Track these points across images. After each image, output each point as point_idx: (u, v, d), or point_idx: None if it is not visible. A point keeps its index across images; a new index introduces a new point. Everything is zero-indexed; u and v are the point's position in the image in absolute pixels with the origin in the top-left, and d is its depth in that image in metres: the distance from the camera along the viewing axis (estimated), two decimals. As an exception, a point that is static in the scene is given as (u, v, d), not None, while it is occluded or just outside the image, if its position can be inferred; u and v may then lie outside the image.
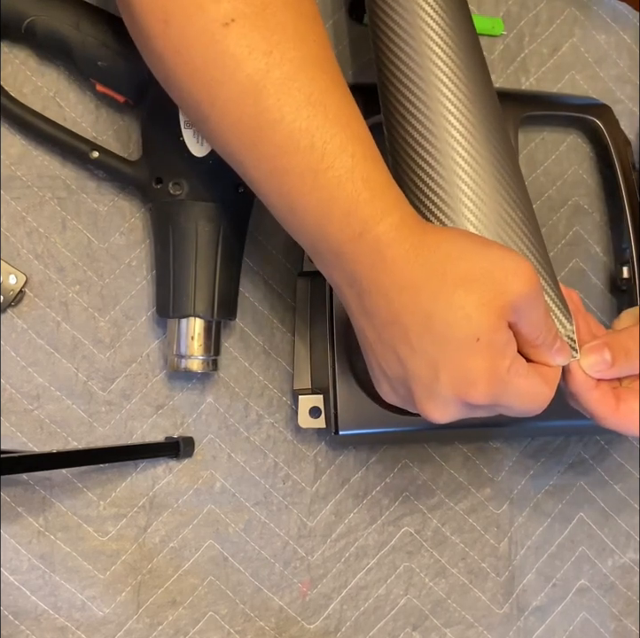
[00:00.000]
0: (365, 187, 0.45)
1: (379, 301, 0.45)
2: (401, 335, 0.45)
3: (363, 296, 0.46)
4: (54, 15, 0.56)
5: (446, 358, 0.44)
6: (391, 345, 0.46)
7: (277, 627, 0.63)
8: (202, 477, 0.63)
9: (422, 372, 0.45)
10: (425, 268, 0.44)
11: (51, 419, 0.61)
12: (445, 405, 0.46)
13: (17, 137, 0.61)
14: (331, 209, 0.45)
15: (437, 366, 0.44)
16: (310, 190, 0.45)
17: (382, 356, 0.47)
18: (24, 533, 0.60)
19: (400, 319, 0.45)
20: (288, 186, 0.46)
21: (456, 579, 0.66)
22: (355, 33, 0.66)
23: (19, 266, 0.60)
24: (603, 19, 0.71)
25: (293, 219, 0.47)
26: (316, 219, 0.46)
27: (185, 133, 0.56)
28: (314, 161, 0.45)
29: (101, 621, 0.61)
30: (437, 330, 0.44)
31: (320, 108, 0.45)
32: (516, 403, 0.46)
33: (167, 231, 0.58)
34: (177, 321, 0.58)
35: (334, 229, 0.45)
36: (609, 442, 0.69)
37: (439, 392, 0.45)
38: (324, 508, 0.64)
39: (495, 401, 0.46)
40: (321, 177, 0.45)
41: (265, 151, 0.46)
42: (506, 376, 0.45)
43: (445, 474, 0.66)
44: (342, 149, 0.45)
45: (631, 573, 0.69)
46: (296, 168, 0.45)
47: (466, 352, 0.44)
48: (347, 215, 0.45)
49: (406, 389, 0.47)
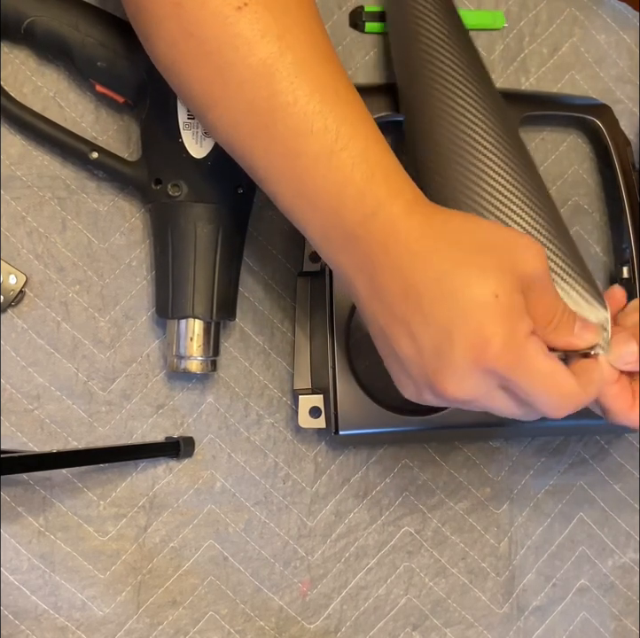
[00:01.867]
0: (379, 167, 0.45)
1: (392, 276, 0.44)
2: (414, 306, 0.44)
3: (375, 276, 0.45)
4: (54, 15, 0.56)
5: (460, 320, 0.42)
6: (403, 321, 0.44)
7: (277, 627, 0.63)
8: (202, 477, 0.63)
9: (435, 341, 0.43)
10: (439, 237, 0.44)
11: (51, 419, 0.61)
12: (461, 375, 0.43)
13: (17, 137, 0.61)
14: (345, 190, 0.45)
15: (451, 331, 0.43)
16: (324, 172, 0.45)
17: (394, 338, 0.45)
18: (24, 533, 0.60)
19: (413, 288, 0.44)
20: (300, 169, 0.45)
21: (456, 578, 0.66)
22: (353, 35, 0.66)
23: (19, 266, 0.60)
24: (603, 19, 0.71)
25: (304, 206, 0.47)
26: (329, 202, 0.45)
27: (184, 134, 0.56)
28: (328, 143, 0.45)
29: (101, 621, 0.61)
30: (452, 290, 0.43)
31: (332, 92, 0.45)
32: (537, 387, 0.44)
33: (166, 232, 0.58)
34: (176, 322, 0.58)
35: (348, 210, 0.45)
36: (609, 442, 0.69)
37: (453, 360, 0.43)
38: (324, 508, 0.64)
39: (513, 372, 0.43)
40: (335, 159, 0.45)
41: (277, 134, 0.45)
42: (524, 341, 0.43)
43: (445, 474, 0.66)
44: (355, 131, 0.45)
45: (631, 573, 0.69)
46: (310, 151, 0.45)
47: (483, 310, 0.42)
48: (362, 195, 0.45)
49: (419, 368, 0.45)
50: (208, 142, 0.57)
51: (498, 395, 0.45)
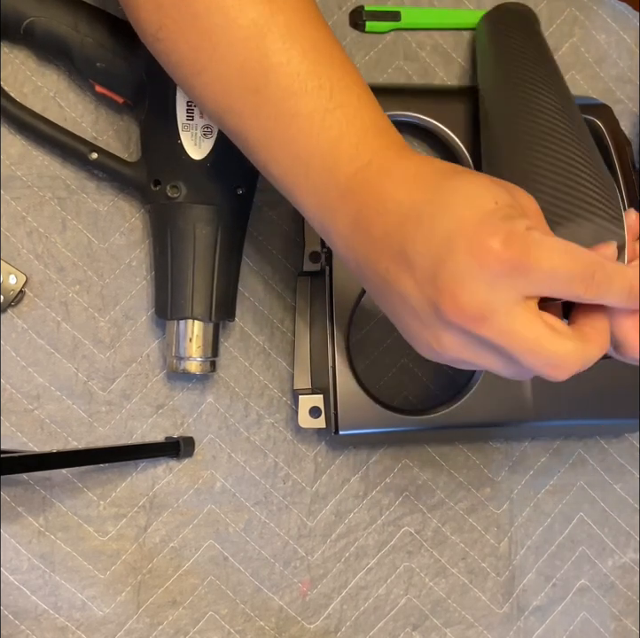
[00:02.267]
0: (372, 124, 0.45)
1: (389, 212, 0.43)
2: (413, 228, 0.42)
3: (372, 226, 0.44)
4: (53, 16, 0.56)
5: (460, 226, 0.40)
6: (401, 253, 0.42)
7: (277, 627, 0.63)
8: (202, 477, 0.63)
9: (435, 257, 0.41)
10: (438, 171, 0.43)
11: (51, 419, 0.61)
12: (469, 282, 0.40)
13: (17, 137, 0.61)
14: (340, 145, 0.45)
15: (451, 239, 0.40)
16: (319, 130, 0.45)
17: (394, 277, 0.43)
18: (24, 533, 0.60)
19: (412, 211, 0.42)
20: (294, 129, 0.45)
21: (456, 578, 0.66)
22: (353, 34, 0.66)
23: (19, 266, 0.60)
24: (603, 19, 0.71)
25: (297, 170, 0.46)
26: (324, 160, 0.45)
27: (183, 135, 0.56)
28: (323, 101, 0.45)
29: (101, 621, 0.61)
30: (453, 203, 0.41)
31: (326, 54, 0.45)
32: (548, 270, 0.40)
33: (165, 233, 0.58)
34: (176, 322, 0.58)
35: (342, 165, 0.45)
36: (609, 442, 0.69)
37: (457, 268, 0.40)
38: (324, 508, 0.64)
39: (523, 267, 0.39)
40: (329, 117, 0.45)
41: (270, 95, 0.45)
42: (527, 234, 0.40)
43: (445, 474, 0.66)
44: (349, 90, 0.46)
45: (631, 573, 0.69)
46: (304, 109, 0.45)
47: (482, 215, 0.40)
48: (356, 149, 0.45)
49: (424, 293, 0.42)
50: (207, 143, 0.57)
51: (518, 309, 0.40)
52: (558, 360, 0.41)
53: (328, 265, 0.59)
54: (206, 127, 0.57)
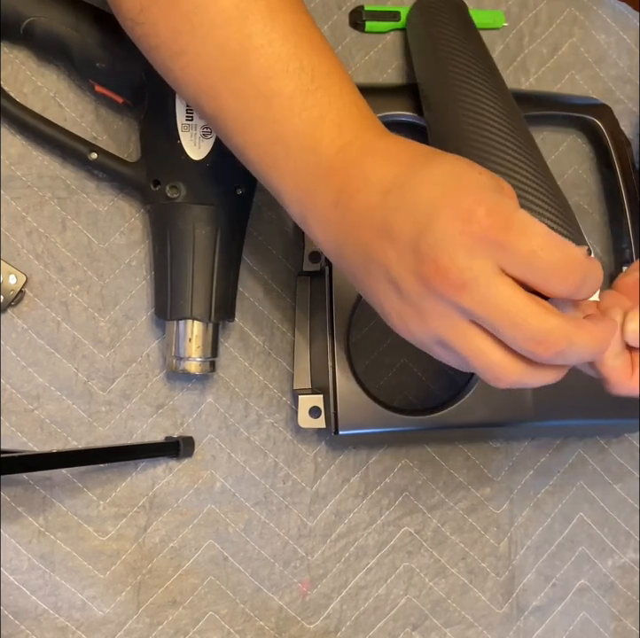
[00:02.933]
0: (354, 106, 0.46)
1: (371, 189, 0.43)
2: (396, 199, 0.41)
3: (354, 202, 0.43)
4: (53, 16, 0.56)
5: (445, 195, 0.40)
6: (383, 224, 0.42)
7: (277, 627, 0.63)
8: (202, 477, 0.63)
9: (419, 225, 0.40)
10: (421, 149, 0.44)
11: (51, 419, 0.61)
12: (451, 247, 0.39)
13: (17, 137, 0.61)
14: (322, 125, 0.45)
15: (436, 207, 0.40)
16: (300, 110, 0.45)
17: (378, 253, 0.42)
18: (24, 533, 0.60)
19: (396, 180, 0.42)
20: (275, 110, 0.45)
21: (456, 579, 0.66)
22: (353, 34, 0.66)
23: (19, 266, 0.60)
24: (603, 19, 0.71)
25: (277, 150, 0.46)
26: (305, 140, 0.45)
27: (182, 136, 0.56)
28: (304, 82, 0.45)
29: (101, 621, 0.61)
30: (438, 173, 0.41)
31: (306, 38, 0.46)
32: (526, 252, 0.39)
33: (164, 234, 0.58)
34: (175, 323, 0.58)
35: (324, 144, 0.45)
36: (609, 442, 0.69)
37: (439, 234, 0.39)
38: (324, 508, 0.64)
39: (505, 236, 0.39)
40: (311, 97, 0.45)
41: (251, 76, 0.45)
42: (513, 211, 0.39)
43: (445, 474, 0.66)
44: (331, 74, 0.46)
45: (631, 573, 0.69)
46: (285, 90, 0.45)
47: (467, 183, 0.40)
48: (339, 128, 0.45)
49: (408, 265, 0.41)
50: (207, 143, 0.57)
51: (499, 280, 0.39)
52: (541, 335, 0.39)
53: (328, 265, 0.59)
54: (206, 127, 0.57)
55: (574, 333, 0.40)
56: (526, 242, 0.39)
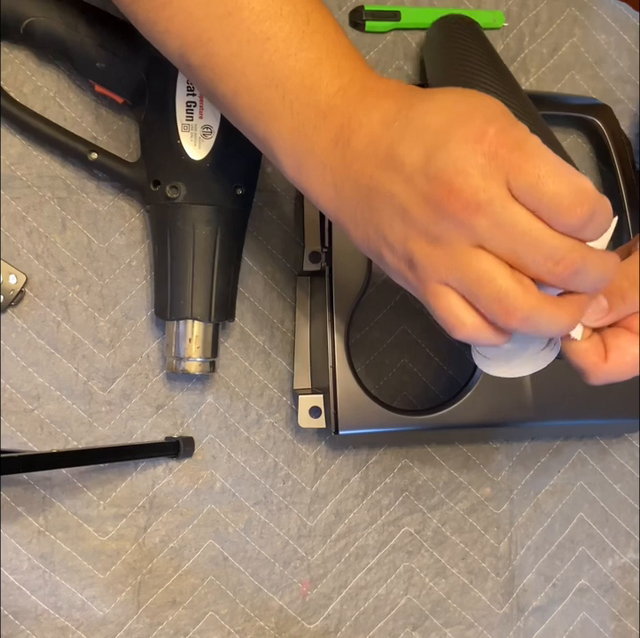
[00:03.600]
0: (352, 51, 0.45)
1: (374, 122, 0.42)
2: (401, 126, 0.40)
3: (355, 138, 0.42)
4: (53, 16, 0.56)
5: (455, 119, 0.39)
6: (388, 154, 0.41)
7: (277, 627, 0.63)
8: (202, 477, 0.63)
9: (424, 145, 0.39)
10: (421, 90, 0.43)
11: (51, 419, 0.61)
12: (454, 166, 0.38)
13: (17, 137, 0.61)
14: (321, 65, 0.44)
15: (446, 131, 0.39)
16: (297, 50, 0.44)
17: (381, 182, 0.41)
18: (24, 533, 0.60)
19: (402, 108, 0.41)
20: (270, 52, 0.44)
21: (456, 579, 0.66)
22: (353, 34, 0.67)
23: (19, 266, 0.60)
24: (603, 19, 0.71)
25: (272, 92, 0.44)
26: (302, 81, 0.44)
27: (182, 136, 0.56)
28: (300, 25, 0.44)
29: (101, 621, 0.61)
30: (447, 99, 0.40)
31: None
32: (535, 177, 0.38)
33: (164, 234, 0.58)
34: (175, 323, 0.58)
35: (323, 83, 0.43)
36: (609, 442, 0.69)
37: (447, 153, 0.38)
38: (324, 508, 0.64)
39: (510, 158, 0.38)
40: (307, 39, 0.44)
41: (243, 19, 0.44)
42: (526, 135, 0.38)
43: (445, 474, 0.66)
44: (325, 20, 0.45)
45: (631, 573, 0.69)
46: (280, 33, 0.44)
47: (478, 107, 0.39)
48: (338, 69, 0.44)
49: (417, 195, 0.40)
50: (207, 143, 0.57)
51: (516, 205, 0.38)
52: (560, 253, 0.38)
53: (328, 265, 0.59)
54: (206, 127, 0.57)
55: (587, 254, 0.39)
56: (535, 166, 0.38)
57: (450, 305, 0.40)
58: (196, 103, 0.56)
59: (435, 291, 0.41)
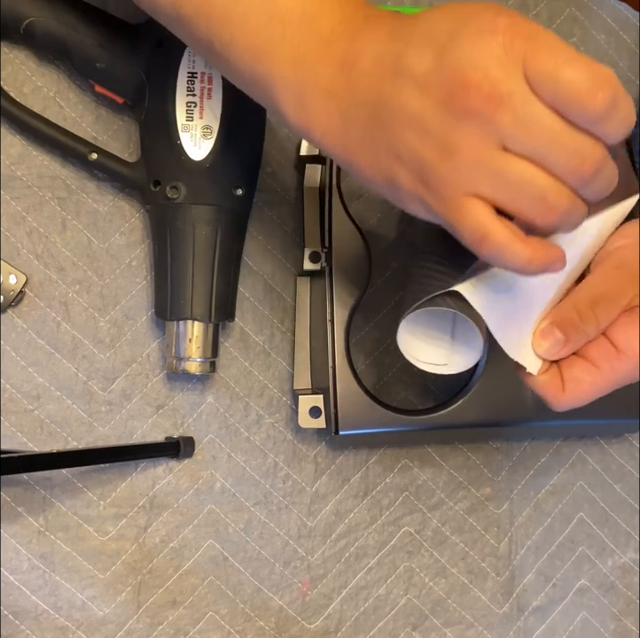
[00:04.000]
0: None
1: (379, 39, 0.40)
2: (407, 33, 0.39)
3: (361, 58, 0.41)
4: (53, 16, 0.56)
5: (464, 18, 0.38)
6: (396, 64, 0.39)
7: (277, 627, 0.63)
8: (202, 477, 0.63)
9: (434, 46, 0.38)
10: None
11: (51, 419, 0.61)
12: (469, 60, 0.37)
13: (17, 137, 0.61)
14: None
15: (453, 31, 0.37)
16: None
17: (391, 95, 0.39)
18: (24, 533, 0.60)
19: (404, 24, 0.40)
20: None
21: (456, 578, 0.66)
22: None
23: (19, 266, 0.60)
24: (603, 19, 0.71)
25: (271, 29, 0.43)
26: (304, 11, 0.42)
27: (182, 136, 0.56)
28: None
29: (101, 621, 0.61)
30: (448, 7, 0.39)
31: None
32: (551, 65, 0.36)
33: (164, 234, 0.58)
34: (175, 323, 0.58)
35: (325, 14, 0.42)
36: (609, 442, 0.69)
37: (461, 50, 0.37)
38: (324, 508, 0.64)
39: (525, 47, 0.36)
40: None
41: None
42: (538, 28, 0.37)
43: (445, 474, 0.66)
44: None
45: (631, 573, 0.69)
46: None
47: (482, 6, 0.38)
48: (340, 1, 0.43)
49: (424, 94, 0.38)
50: (207, 144, 0.57)
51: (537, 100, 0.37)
52: (586, 150, 0.38)
53: (328, 265, 0.59)
54: (206, 127, 0.57)
55: (607, 153, 0.38)
56: (551, 55, 0.36)
57: (479, 215, 0.39)
58: (196, 103, 0.56)
59: (459, 205, 0.39)
